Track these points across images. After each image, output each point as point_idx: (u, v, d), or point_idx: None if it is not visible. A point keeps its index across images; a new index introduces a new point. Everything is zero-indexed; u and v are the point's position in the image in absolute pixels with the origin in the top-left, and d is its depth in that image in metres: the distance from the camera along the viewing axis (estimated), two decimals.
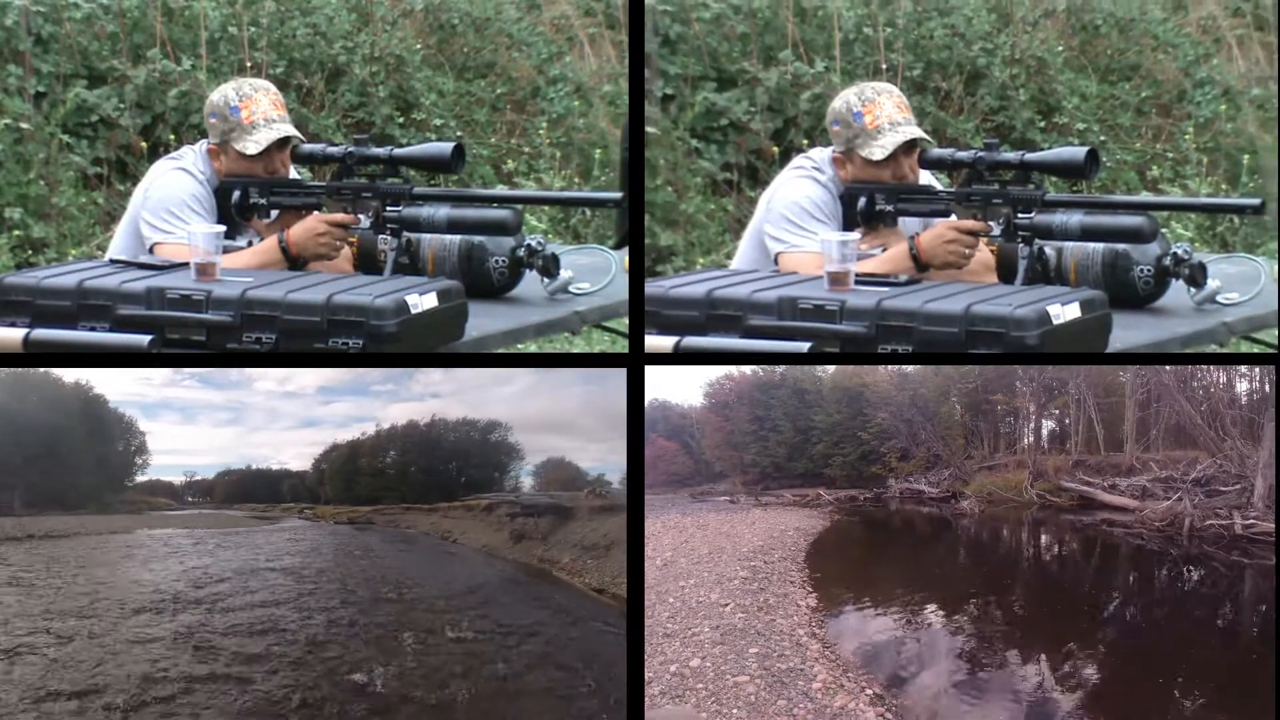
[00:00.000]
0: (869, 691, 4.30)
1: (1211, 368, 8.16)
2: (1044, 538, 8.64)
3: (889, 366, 9.92)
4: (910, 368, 9.87)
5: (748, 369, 10.61)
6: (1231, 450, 7.70)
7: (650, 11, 7.02)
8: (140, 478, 12.21)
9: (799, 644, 5.06)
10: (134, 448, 11.87)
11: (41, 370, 10.09)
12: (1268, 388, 7.83)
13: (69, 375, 10.24)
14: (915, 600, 6.47)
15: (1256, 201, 3.44)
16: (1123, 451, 8.85)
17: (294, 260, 3.58)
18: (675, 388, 10.94)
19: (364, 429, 11.67)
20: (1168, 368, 8.26)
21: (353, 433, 11.63)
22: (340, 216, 3.60)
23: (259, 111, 3.66)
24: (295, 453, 13.07)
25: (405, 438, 11.46)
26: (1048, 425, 9.85)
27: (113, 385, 10.90)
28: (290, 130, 3.69)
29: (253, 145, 3.64)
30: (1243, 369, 7.98)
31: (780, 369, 10.45)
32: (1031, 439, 9.71)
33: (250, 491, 13.24)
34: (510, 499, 9.63)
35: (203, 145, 3.75)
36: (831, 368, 10.25)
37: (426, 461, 11.32)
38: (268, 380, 10.66)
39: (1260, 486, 7.29)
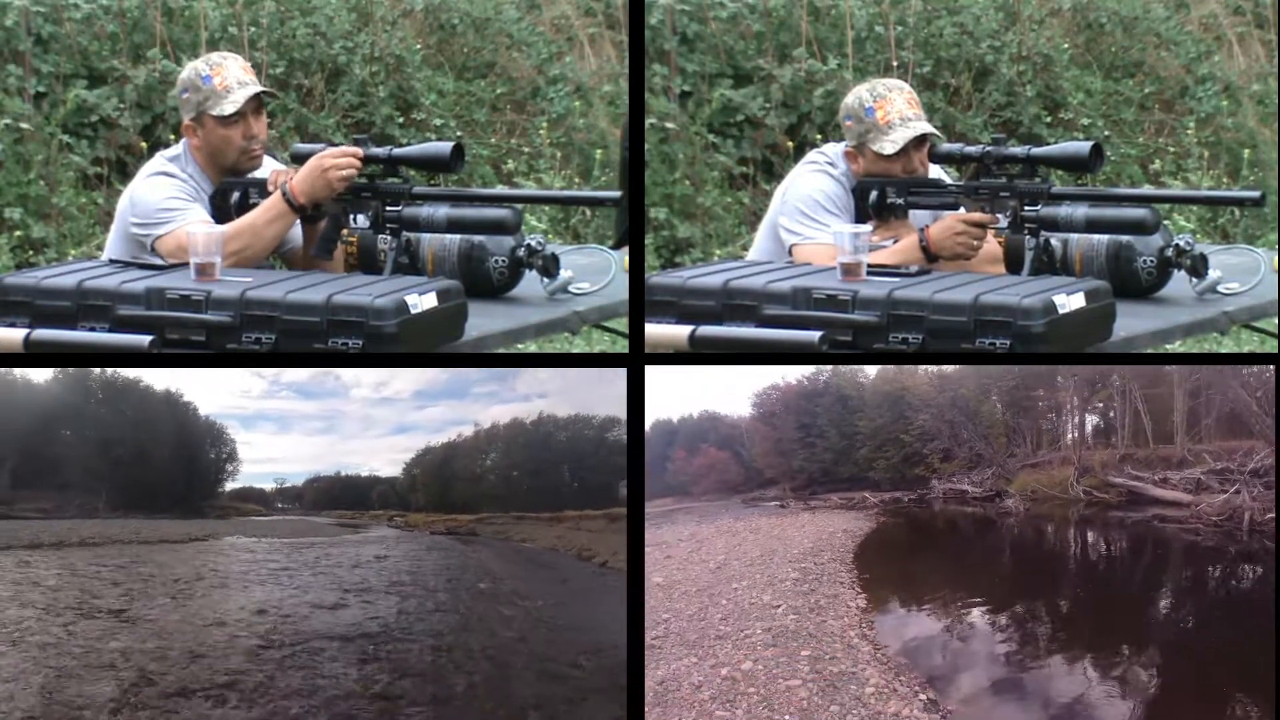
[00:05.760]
0: (922, 697, 4.19)
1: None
2: (1091, 535, 8.42)
3: (929, 369, 9.89)
4: (950, 368, 9.81)
5: (793, 378, 10.72)
6: None
7: (668, 11, 7.12)
8: (231, 485, 12.00)
9: (850, 646, 4.95)
10: (224, 455, 11.73)
11: (131, 376, 9.83)
12: None
13: (158, 383, 10.04)
14: (961, 600, 6.37)
15: (1256, 194, 3.50)
16: (1173, 444, 8.55)
17: (301, 209, 3.53)
18: (724, 399, 10.92)
19: (461, 431, 10.78)
20: None
21: (448, 435, 10.84)
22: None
23: (231, 76, 3.62)
24: (387, 459, 12.59)
25: (507, 438, 10.46)
26: (1091, 420, 9.70)
27: (208, 398, 10.87)
28: (260, 88, 3.65)
29: (229, 106, 3.60)
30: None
31: (825, 376, 10.58)
32: (1075, 434, 9.58)
33: (338, 498, 12.94)
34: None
35: (181, 146, 3.68)
36: (873, 373, 10.37)
37: (534, 465, 10.10)
38: (363, 388, 10.19)
39: None
